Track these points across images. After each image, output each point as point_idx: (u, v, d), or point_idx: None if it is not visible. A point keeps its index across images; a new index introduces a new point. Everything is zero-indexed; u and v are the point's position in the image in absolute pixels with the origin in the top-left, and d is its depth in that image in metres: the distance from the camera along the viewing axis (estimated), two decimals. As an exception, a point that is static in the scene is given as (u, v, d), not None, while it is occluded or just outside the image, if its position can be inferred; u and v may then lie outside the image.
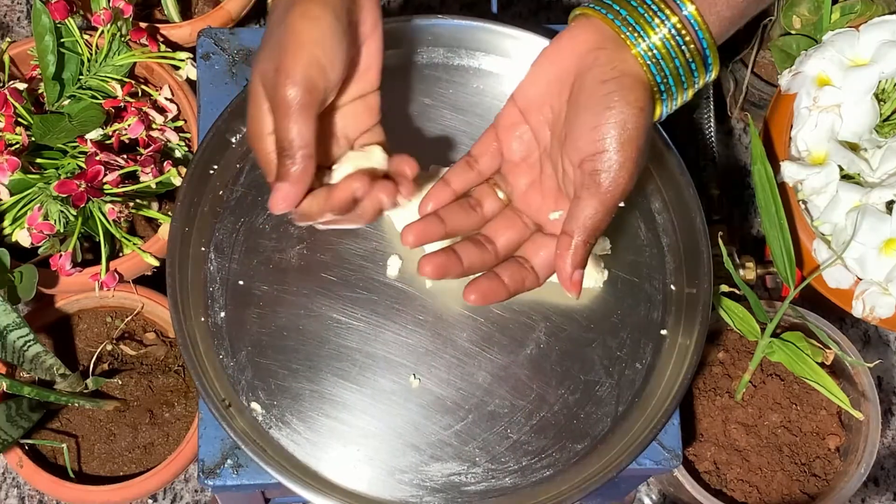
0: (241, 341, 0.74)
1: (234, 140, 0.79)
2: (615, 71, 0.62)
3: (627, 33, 0.63)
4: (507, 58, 0.83)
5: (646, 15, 0.63)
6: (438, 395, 0.74)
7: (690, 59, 0.63)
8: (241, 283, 0.76)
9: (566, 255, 0.64)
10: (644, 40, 0.63)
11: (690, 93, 0.65)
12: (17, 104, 0.92)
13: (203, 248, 0.77)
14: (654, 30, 0.63)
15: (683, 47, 0.63)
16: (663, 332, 0.77)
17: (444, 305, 0.76)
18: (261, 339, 0.74)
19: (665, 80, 0.63)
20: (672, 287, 0.78)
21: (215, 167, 0.78)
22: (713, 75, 0.65)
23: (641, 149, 0.63)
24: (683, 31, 0.62)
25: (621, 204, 0.65)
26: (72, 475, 0.93)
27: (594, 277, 0.77)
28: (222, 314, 0.75)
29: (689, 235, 0.78)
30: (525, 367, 0.75)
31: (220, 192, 0.78)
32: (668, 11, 0.63)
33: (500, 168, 0.71)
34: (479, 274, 0.68)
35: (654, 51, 0.63)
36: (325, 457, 0.72)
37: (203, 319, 0.75)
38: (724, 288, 0.86)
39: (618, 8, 0.64)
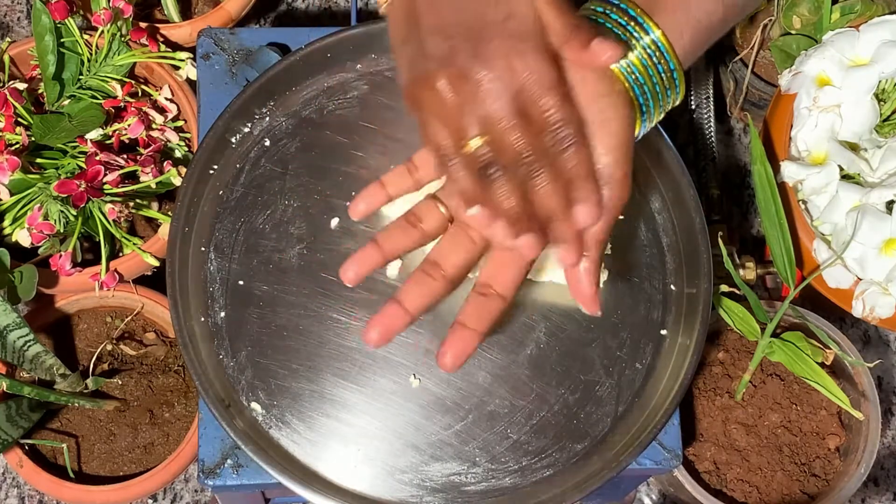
0: (241, 341, 0.74)
1: (234, 140, 0.79)
2: (607, 87, 0.61)
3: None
4: None
5: (620, 33, 0.62)
6: (438, 395, 0.74)
7: (667, 85, 0.63)
8: (241, 283, 0.76)
9: (581, 276, 0.63)
10: (623, 58, 0.62)
11: (662, 115, 0.65)
12: (17, 104, 0.92)
13: (203, 248, 0.77)
14: (631, 48, 0.62)
15: (660, 68, 0.62)
16: (663, 332, 0.77)
17: (445, 305, 0.76)
18: (261, 339, 0.74)
19: (646, 102, 0.63)
20: (672, 287, 0.78)
21: (215, 167, 0.78)
22: (678, 99, 0.65)
23: (632, 162, 0.62)
24: (657, 53, 0.62)
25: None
26: (72, 475, 0.93)
27: (594, 277, 0.77)
28: (222, 314, 0.75)
29: (689, 235, 0.78)
30: (525, 367, 0.75)
31: (220, 192, 0.78)
32: (640, 32, 0.62)
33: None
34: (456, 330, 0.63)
35: (636, 72, 0.62)
36: (325, 457, 0.72)
37: (203, 319, 0.75)
38: (724, 288, 0.86)
39: (602, 21, 0.63)
